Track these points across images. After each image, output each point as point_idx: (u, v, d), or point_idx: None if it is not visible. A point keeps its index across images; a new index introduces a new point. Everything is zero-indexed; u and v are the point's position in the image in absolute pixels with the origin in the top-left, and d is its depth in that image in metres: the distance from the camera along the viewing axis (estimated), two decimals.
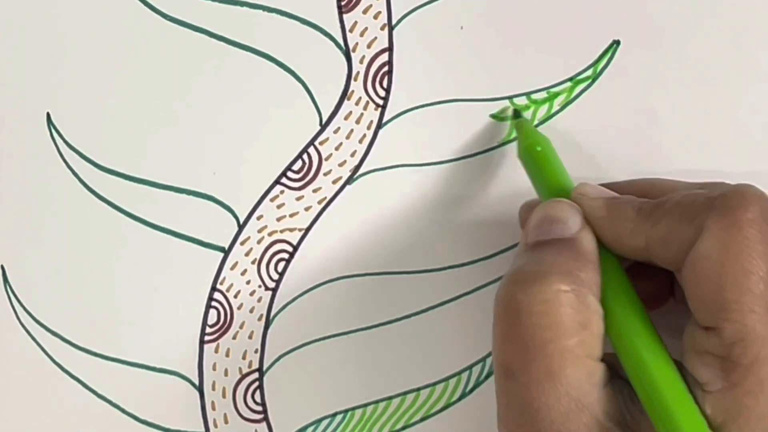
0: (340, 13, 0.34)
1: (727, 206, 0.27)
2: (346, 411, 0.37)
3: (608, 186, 0.32)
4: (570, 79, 0.35)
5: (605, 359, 0.29)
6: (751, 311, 0.26)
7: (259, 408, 0.37)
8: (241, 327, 0.36)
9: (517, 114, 0.35)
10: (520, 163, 0.34)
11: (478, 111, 0.35)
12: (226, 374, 0.36)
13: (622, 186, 0.33)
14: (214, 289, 0.36)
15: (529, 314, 0.28)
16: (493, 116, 0.35)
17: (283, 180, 0.35)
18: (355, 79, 0.34)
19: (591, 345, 0.28)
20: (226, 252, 0.35)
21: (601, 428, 0.27)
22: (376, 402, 0.37)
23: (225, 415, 0.36)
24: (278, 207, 0.35)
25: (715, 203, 0.28)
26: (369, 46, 0.34)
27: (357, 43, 0.34)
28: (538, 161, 0.33)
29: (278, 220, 0.35)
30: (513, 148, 0.35)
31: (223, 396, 0.36)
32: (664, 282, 0.32)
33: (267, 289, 0.36)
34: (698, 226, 0.28)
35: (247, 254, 0.36)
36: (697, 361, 0.27)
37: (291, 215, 0.35)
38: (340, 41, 0.34)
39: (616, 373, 0.29)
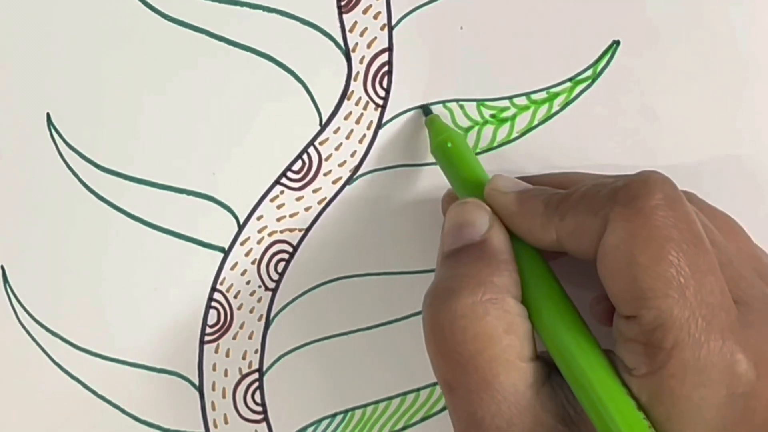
0: (340, 13, 0.34)
1: (631, 195, 0.27)
2: (346, 411, 0.37)
3: (525, 179, 0.32)
4: (570, 79, 0.35)
5: (541, 356, 0.29)
6: (666, 296, 0.26)
7: (259, 408, 0.37)
8: (241, 327, 0.36)
9: (426, 111, 0.34)
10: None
11: (479, 111, 0.35)
12: (226, 374, 0.36)
13: (539, 179, 0.33)
14: (214, 289, 0.36)
15: (452, 331, 0.28)
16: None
17: (283, 180, 0.35)
18: (355, 79, 0.34)
19: (519, 348, 0.28)
20: (226, 252, 0.35)
21: (545, 428, 0.28)
22: (376, 402, 0.37)
23: (225, 415, 0.36)
24: (278, 207, 0.35)
25: (619, 194, 0.28)
26: (369, 46, 0.34)
27: (357, 43, 0.34)
28: (450, 158, 0.33)
29: (278, 220, 0.35)
30: (512, 148, 0.35)
31: (223, 396, 0.36)
32: None
33: (267, 289, 0.36)
34: (604, 217, 0.28)
35: (247, 254, 0.36)
36: (624, 348, 0.28)
37: (291, 215, 0.35)
38: (340, 41, 0.34)
39: (555, 369, 0.29)
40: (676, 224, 0.27)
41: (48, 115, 0.34)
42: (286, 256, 0.36)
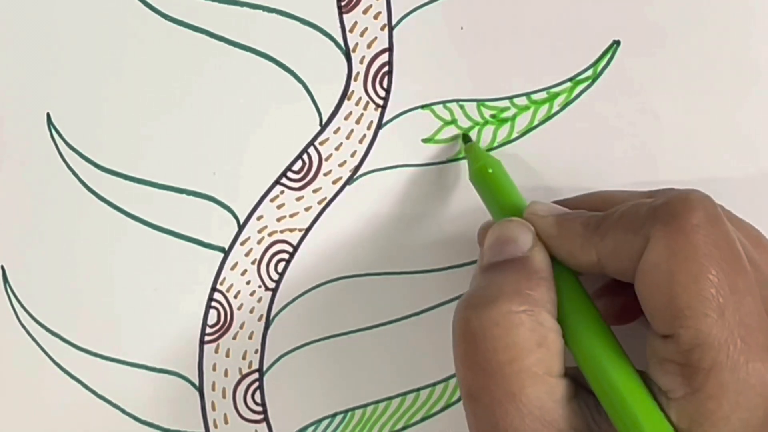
0: (340, 14, 0.34)
1: (671, 214, 0.27)
2: (346, 411, 0.37)
3: (560, 202, 0.32)
4: (570, 79, 0.35)
5: (569, 373, 0.29)
6: (704, 315, 0.26)
7: (259, 408, 0.37)
8: (241, 327, 0.36)
9: (466, 138, 0.35)
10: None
11: (479, 111, 0.35)
12: (226, 374, 0.36)
13: (575, 201, 0.33)
14: (214, 289, 0.36)
15: (484, 338, 0.28)
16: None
17: (283, 180, 0.35)
18: (355, 80, 0.34)
19: (549, 362, 0.28)
20: (226, 252, 0.35)
21: None
22: (376, 402, 0.37)
23: (225, 415, 0.36)
24: (278, 207, 0.35)
25: (659, 212, 0.28)
26: (369, 47, 0.34)
27: (357, 44, 0.34)
28: (490, 183, 0.33)
29: (278, 220, 0.35)
30: (512, 148, 0.35)
31: (223, 396, 0.36)
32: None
33: (267, 289, 0.36)
34: (644, 236, 0.28)
35: (247, 254, 0.36)
36: (659, 369, 0.27)
37: (291, 215, 0.35)
38: (340, 41, 0.34)
39: (582, 387, 0.29)
40: (716, 243, 0.27)
41: (48, 115, 0.34)
42: (286, 256, 0.36)
